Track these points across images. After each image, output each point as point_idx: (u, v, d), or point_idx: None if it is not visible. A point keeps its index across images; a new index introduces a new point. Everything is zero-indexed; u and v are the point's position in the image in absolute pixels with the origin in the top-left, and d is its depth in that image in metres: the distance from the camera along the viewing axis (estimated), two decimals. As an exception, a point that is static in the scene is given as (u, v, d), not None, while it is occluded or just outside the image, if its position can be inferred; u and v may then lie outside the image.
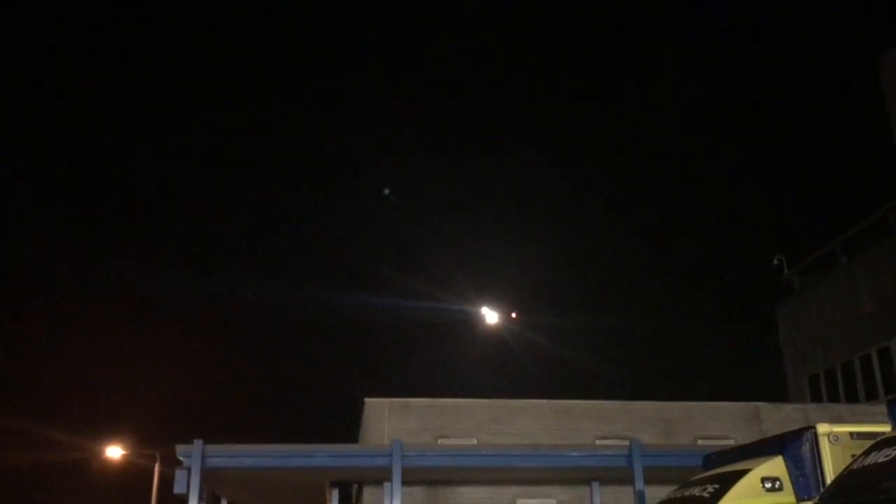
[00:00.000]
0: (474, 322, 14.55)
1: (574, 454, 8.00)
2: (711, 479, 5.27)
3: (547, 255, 15.26)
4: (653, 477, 7.84)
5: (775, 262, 13.06)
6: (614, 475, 8.23)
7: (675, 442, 8.81)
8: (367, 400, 8.76)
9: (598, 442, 8.79)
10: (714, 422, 9.04)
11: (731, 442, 8.22)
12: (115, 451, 13.38)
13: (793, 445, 5.20)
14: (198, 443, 7.81)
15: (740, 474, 5.15)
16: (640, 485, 7.89)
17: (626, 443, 8.12)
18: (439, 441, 8.74)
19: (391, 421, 8.73)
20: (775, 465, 5.21)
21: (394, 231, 15.29)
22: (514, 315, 14.59)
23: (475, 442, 8.76)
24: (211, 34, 13.60)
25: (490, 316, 14.13)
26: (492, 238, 15.37)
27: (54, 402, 13.98)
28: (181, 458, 7.84)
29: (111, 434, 14.00)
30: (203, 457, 7.72)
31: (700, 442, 8.69)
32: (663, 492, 5.81)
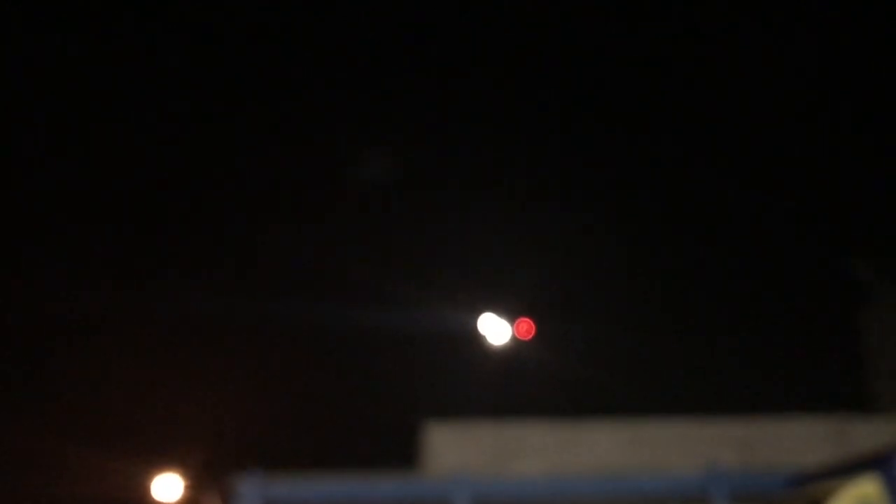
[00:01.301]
0: (480, 335, 14.15)
1: (647, 480, 7.69)
2: (801, 501, 4.98)
3: (566, 254, 14.75)
4: (734, 501, 7.51)
5: (852, 263, 12.58)
6: (690, 500, 7.90)
7: (754, 462, 8.45)
8: (428, 424, 8.52)
9: (670, 464, 8.48)
10: (794, 438, 8.65)
11: (816, 460, 7.86)
12: (168, 481, 13.26)
13: (891, 463, 4.90)
14: (255, 473, 7.61)
15: (831, 496, 4.86)
16: (719, 509, 7.58)
17: (702, 464, 7.81)
18: (505, 467, 8.49)
19: (454, 446, 8.49)
20: (870, 486, 4.91)
21: (401, 236, 14.98)
22: (526, 326, 14.12)
23: (543, 467, 8.49)
24: (199, 38, 13.54)
25: (498, 328, 13.72)
26: (501, 233, 14.94)
27: (104, 429, 13.87)
28: (239, 489, 7.65)
29: (163, 463, 13.87)
30: (263, 487, 7.51)
31: (781, 461, 8.31)
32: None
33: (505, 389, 13.53)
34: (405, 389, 13.57)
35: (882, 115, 13.43)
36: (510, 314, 13.37)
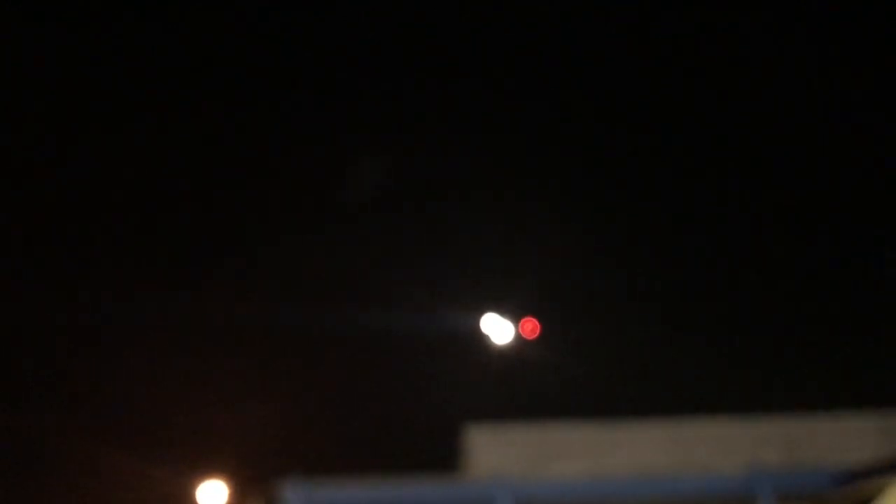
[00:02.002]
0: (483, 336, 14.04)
1: (690, 480, 7.64)
2: (848, 500, 4.93)
3: (579, 242, 14.54)
4: (780, 501, 7.43)
5: None
6: (735, 500, 7.83)
7: (799, 460, 8.34)
8: (468, 427, 8.52)
9: (712, 464, 8.41)
10: (840, 435, 8.52)
11: (863, 457, 7.75)
12: (214, 487, 13.38)
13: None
14: (299, 478, 7.66)
15: (879, 494, 4.81)
16: (764, 509, 7.50)
17: (745, 463, 7.74)
18: (546, 468, 8.47)
19: (494, 448, 8.49)
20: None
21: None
22: (532, 325, 13.99)
23: (583, 468, 8.46)
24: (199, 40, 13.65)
25: (502, 328, 13.60)
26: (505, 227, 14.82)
27: (150, 436, 14.02)
28: (285, 494, 7.70)
29: (208, 469, 13.99)
30: (307, 492, 7.56)
31: (830, 458, 8.20)
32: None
33: (538, 391, 13.51)
34: (437, 393, 13.61)
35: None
36: (515, 314, 13.39)
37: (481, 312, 13.48)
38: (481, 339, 13.51)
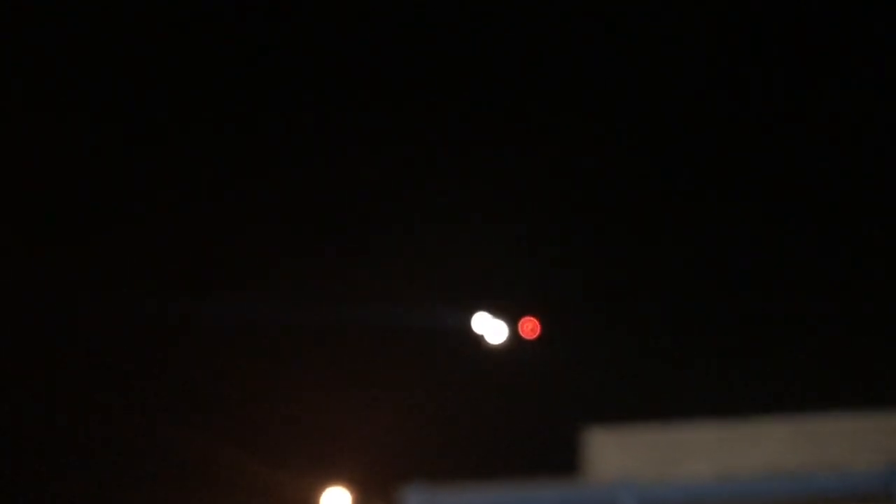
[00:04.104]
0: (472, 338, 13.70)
1: (824, 478, 7.35)
2: None
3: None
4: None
5: None
6: (871, 499, 7.51)
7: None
8: (589, 430, 8.39)
9: (847, 461, 8.09)
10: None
11: None
12: (336, 495, 13.54)
13: None
14: (421, 484, 7.65)
15: None
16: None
17: (882, 460, 7.41)
18: (671, 470, 8.28)
19: (616, 450, 8.33)
20: None
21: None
22: (532, 325, 13.61)
23: (710, 469, 8.24)
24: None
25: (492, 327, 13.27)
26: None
27: (274, 444, 14.27)
28: (407, 500, 7.70)
29: (330, 476, 14.19)
30: (429, 498, 7.55)
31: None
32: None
33: (655, 391, 13.27)
34: (551, 396, 13.47)
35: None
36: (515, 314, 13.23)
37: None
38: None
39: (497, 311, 13.66)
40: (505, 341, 13.66)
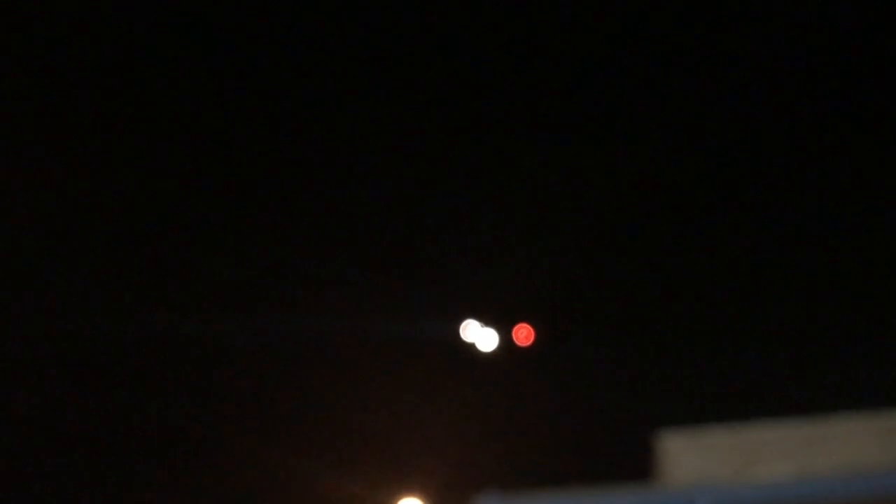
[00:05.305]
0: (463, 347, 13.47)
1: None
2: None
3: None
4: None
5: None
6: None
7: None
8: (664, 434, 8.30)
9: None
10: None
11: None
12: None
13: None
14: (495, 492, 7.64)
15: None
16: None
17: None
18: (750, 471, 8.15)
19: (692, 453, 8.23)
20: None
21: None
22: (526, 332, 13.32)
23: (790, 469, 8.10)
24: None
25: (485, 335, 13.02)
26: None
27: (348, 454, 14.38)
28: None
29: (404, 487, 14.25)
30: (505, 507, 7.53)
31: None
32: None
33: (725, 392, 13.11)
34: (622, 400, 13.37)
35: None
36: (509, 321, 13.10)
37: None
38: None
39: (531, 324, 13.64)
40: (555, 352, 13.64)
